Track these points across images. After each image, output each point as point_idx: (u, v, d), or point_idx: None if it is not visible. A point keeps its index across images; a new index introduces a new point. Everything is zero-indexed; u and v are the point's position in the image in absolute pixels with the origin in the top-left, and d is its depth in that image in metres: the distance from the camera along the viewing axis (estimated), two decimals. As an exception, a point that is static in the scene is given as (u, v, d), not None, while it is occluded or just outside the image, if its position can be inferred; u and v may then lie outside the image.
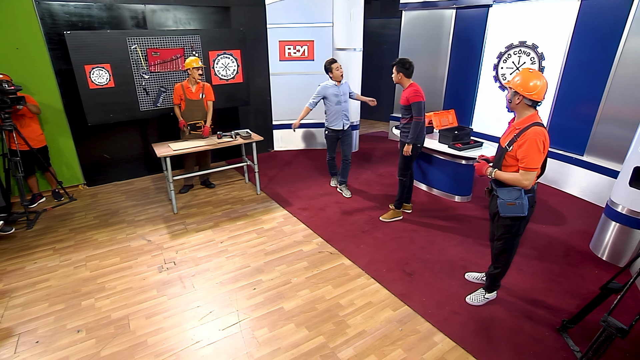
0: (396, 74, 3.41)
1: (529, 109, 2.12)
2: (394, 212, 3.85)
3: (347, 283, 2.89)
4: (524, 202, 2.18)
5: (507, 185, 2.22)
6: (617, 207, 3.01)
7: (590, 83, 4.04)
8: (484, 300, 2.66)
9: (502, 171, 2.24)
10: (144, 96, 4.67)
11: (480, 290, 2.70)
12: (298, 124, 4.21)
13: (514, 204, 2.16)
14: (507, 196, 2.18)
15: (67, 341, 2.39)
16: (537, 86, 2.05)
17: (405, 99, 3.38)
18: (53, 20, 4.12)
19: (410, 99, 3.33)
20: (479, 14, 5.05)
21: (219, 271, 3.05)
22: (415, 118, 3.36)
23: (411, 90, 3.34)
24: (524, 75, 2.09)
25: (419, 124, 3.38)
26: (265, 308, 2.63)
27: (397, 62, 3.40)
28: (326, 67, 4.05)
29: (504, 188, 2.23)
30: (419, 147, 3.57)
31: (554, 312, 2.58)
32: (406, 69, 3.37)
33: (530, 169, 2.09)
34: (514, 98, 2.13)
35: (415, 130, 3.39)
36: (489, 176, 2.28)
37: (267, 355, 2.23)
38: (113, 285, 2.91)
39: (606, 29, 3.86)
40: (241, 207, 4.16)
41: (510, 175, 2.18)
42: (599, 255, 3.19)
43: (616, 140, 3.87)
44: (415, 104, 3.32)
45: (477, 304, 2.65)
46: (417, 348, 2.30)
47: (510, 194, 2.17)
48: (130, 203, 4.36)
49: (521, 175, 2.13)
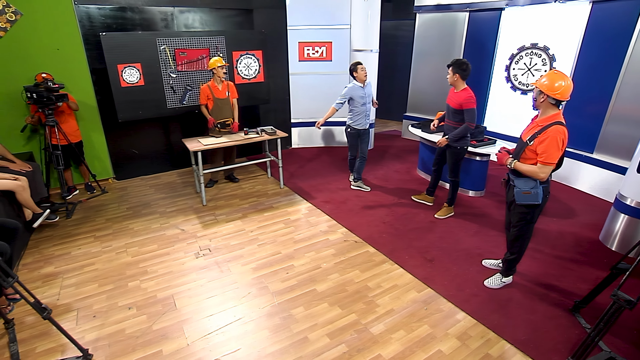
0: (452, 75, 3.39)
1: (553, 108, 2.33)
2: (447, 209, 3.95)
3: (373, 268, 3.11)
4: (538, 191, 2.39)
5: (524, 175, 2.44)
6: (625, 200, 3.21)
7: (600, 83, 4.23)
8: (501, 283, 2.87)
9: (521, 162, 2.45)
10: (171, 94, 4.92)
11: (497, 274, 2.91)
12: (323, 122, 4.39)
13: (529, 192, 2.37)
14: (524, 185, 2.39)
15: (121, 316, 2.63)
16: (561, 86, 2.25)
17: (458, 103, 3.40)
18: (90, 23, 4.37)
19: (464, 105, 3.36)
20: (491, 16, 5.26)
21: (252, 257, 3.28)
22: (468, 123, 3.40)
23: (466, 95, 3.35)
24: (550, 76, 2.30)
25: (468, 129, 3.42)
26: (300, 289, 2.85)
27: (453, 64, 3.38)
28: (351, 69, 4.26)
29: (521, 178, 2.44)
30: (466, 149, 3.64)
31: (566, 295, 2.78)
32: (463, 70, 3.35)
33: (547, 164, 2.31)
34: (539, 97, 2.34)
35: (463, 132, 3.44)
36: (508, 166, 2.49)
37: (306, 330, 2.46)
38: (155, 269, 3.15)
39: (616, 31, 4.05)
40: (266, 200, 4.39)
41: (528, 167, 2.39)
42: (608, 245, 3.39)
43: (625, 139, 4.06)
44: (469, 111, 3.36)
45: (495, 287, 2.86)
46: (441, 325, 2.51)
47: (527, 183, 2.39)
48: (159, 196, 4.60)
49: (538, 168, 2.34)
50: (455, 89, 3.48)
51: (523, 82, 5.06)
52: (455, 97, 3.45)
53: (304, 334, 2.44)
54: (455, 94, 3.46)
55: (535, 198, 2.40)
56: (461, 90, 3.42)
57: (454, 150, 3.62)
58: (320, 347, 2.33)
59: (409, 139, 6.78)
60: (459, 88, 3.44)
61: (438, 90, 5.84)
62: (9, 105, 4.10)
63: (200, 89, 4.50)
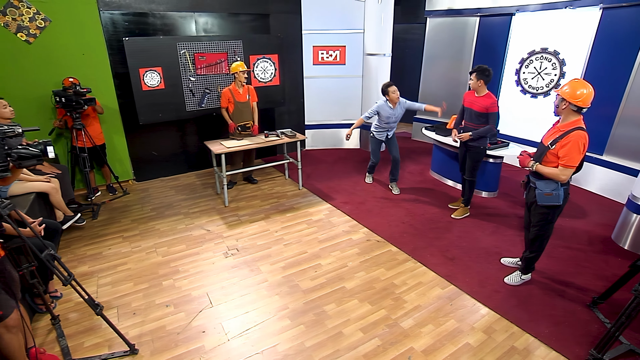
0: (476, 81, 3.54)
1: (575, 114, 2.45)
2: (463, 209, 4.09)
3: (397, 266, 3.24)
4: (560, 192, 2.52)
5: (545, 178, 2.57)
6: (638, 201, 3.34)
7: (610, 87, 4.36)
8: (520, 280, 3.00)
9: (542, 165, 2.58)
10: (190, 97, 5.04)
11: (517, 272, 3.04)
12: (351, 132, 4.46)
13: (551, 194, 2.51)
14: (545, 187, 2.53)
15: (160, 313, 2.74)
16: (583, 94, 2.37)
17: (484, 107, 3.56)
18: (114, 28, 4.48)
19: (490, 109, 3.55)
20: (502, 21, 5.39)
21: (280, 256, 3.40)
22: (492, 125, 3.60)
23: (492, 100, 3.55)
24: (572, 84, 2.42)
25: (491, 130, 3.62)
26: (329, 287, 2.98)
27: (477, 70, 3.51)
28: (383, 90, 4.36)
29: (542, 180, 2.57)
30: (485, 150, 3.83)
31: (583, 291, 2.92)
32: (487, 76, 3.50)
33: (569, 166, 2.44)
34: (560, 104, 2.46)
35: (487, 132, 3.62)
36: (530, 168, 2.62)
37: (340, 325, 2.58)
38: (186, 269, 3.27)
39: (626, 36, 4.18)
40: (287, 201, 4.52)
41: (550, 170, 2.52)
42: (620, 244, 3.53)
43: (634, 141, 4.20)
44: (494, 114, 3.58)
45: (514, 284, 2.99)
46: (467, 319, 2.64)
47: (548, 185, 2.52)
48: (181, 197, 4.71)
49: (560, 170, 2.48)
50: (477, 93, 3.62)
51: (533, 86, 5.19)
52: (480, 101, 3.60)
53: (339, 329, 2.56)
54: (479, 98, 3.61)
55: (556, 199, 2.53)
56: (485, 95, 3.58)
57: (476, 150, 3.77)
58: (355, 341, 2.45)
59: (419, 140, 6.91)
60: (482, 93, 3.59)
61: (448, 93, 5.97)
62: (37, 108, 4.21)
63: (221, 92, 4.61)
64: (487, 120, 3.59)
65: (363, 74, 6.03)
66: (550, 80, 4.98)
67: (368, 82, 6.00)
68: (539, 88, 5.14)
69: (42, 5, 3.98)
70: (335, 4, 5.68)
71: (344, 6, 5.69)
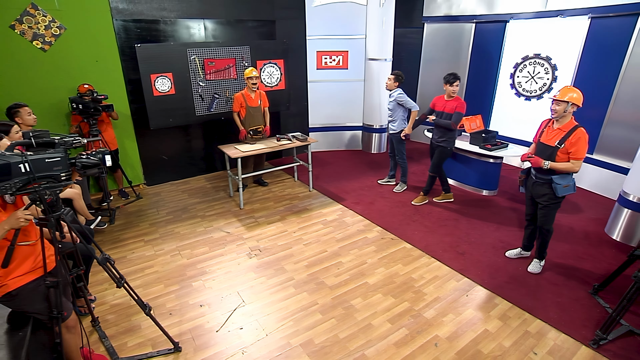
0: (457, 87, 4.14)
1: (570, 115, 2.79)
2: (422, 197, 4.67)
3: (413, 262, 3.46)
4: (573, 183, 2.86)
5: (559, 172, 2.84)
6: (628, 197, 3.66)
7: (598, 90, 4.70)
8: (540, 267, 3.27)
9: (556, 162, 2.85)
10: (199, 102, 5.14)
11: (535, 260, 3.31)
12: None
13: (568, 185, 2.82)
14: (562, 181, 2.83)
15: (195, 313, 2.88)
16: (581, 97, 2.74)
17: (453, 108, 4.08)
18: (127, 35, 4.55)
19: (457, 109, 4.08)
20: (497, 28, 5.69)
21: (302, 256, 3.57)
22: (453, 122, 4.10)
23: (460, 101, 4.12)
24: (574, 91, 2.73)
25: (450, 125, 4.16)
26: (353, 283, 3.17)
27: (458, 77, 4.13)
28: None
29: (558, 175, 2.85)
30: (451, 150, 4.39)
31: (584, 280, 3.20)
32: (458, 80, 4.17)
33: (580, 158, 2.76)
34: (569, 108, 2.74)
35: (447, 125, 4.15)
36: (544, 167, 2.88)
37: (368, 317, 2.78)
38: (213, 270, 3.40)
39: (613, 43, 4.51)
40: (300, 202, 4.69)
41: (564, 165, 2.81)
42: (613, 237, 3.85)
43: (622, 141, 4.54)
44: (457, 113, 4.11)
45: (536, 271, 3.26)
46: (483, 308, 2.88)
47: (564, 179, 2.83)
48: (194, 200, 4.82)
49: (573, 163, 2.79)
50: (448, 97, 4.17)
51: (527, 89, 5.51)
52: (451, 103, 4.13)
53: (368, 320, 2.76)
54: (450, 101, 4.15)
55: (572, 189, 2.87)
56: (455, 98, 4.14)
57: (444, 149, 4.30)
58: (384, 331, 2.66)
59: (417, 141, 7.17)
60: (453, 97, 4.15)
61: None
62: (52, 115, 4.25)
63: (234, 97, 4.74)
64: (451, 117, 4.11)
65: (365, 78, 6.24)
66: (543, 84, 5.30)
67: (370, 86, 6.22)
68: (532, 91, 5.46)
69: (57, 13, 4.03)
70: (338, 11, 5.87)
71: (347, 12, 5.89)
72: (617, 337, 2.57)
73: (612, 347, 2.52)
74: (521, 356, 2.46)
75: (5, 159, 1.72)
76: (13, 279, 1.94)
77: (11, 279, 1.93)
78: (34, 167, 1.77)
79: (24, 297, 1.98)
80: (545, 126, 2.97)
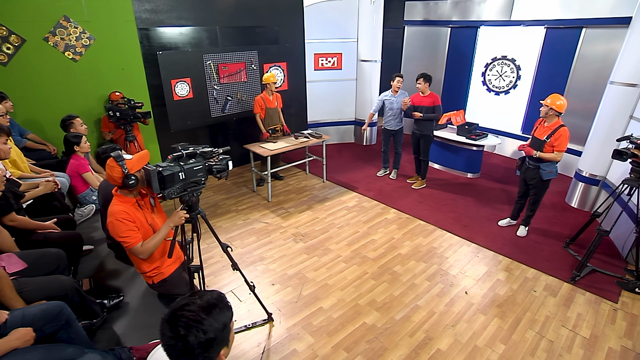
0: (424, 84, 4.91)
1: (556, 117, 3.65)
2: (421, 182, 5.50)
3: (430, 235, 4.27)
4: (556, 169, 3.75)
5: (546, 161, 3.74)
6: (582, 173, 4.76)
7: (554, 85, 5.77)
8: (525, 231, 4.22)
9: (543, 152, 3.75)
10: (214, 104, 5.48)
11: (521, 226, 4.26)
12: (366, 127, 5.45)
13: (552, 171, 3.71)
14: (548, 168, 3.72)
15: (271, 291, 3.42)
16: (562, 105, 3.58)
17: (432, 102, 4.95)
18: (149, 43, 4.76)
19: (435, 103, 4.97)
20: (470, 32, 6.61)
21: (340, 237, 4.22)
22: (437, 114, 4.99)
23: (435, 97, 5.00)
24: (560, 98, 3.58)
25: (437, 118, 5.05)
26: (390, 255, 3.90)
27: (424, 76, 4.91)
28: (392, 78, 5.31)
29: (544, 163, 3.75)
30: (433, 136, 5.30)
31: (558, 237, 4.22)
32: (431, 80, 4.98)
33: (562, 151, 3.65)
34: (549, 112, 3.62)
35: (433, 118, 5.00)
36: (534, 155, 3.76)
37: (410, 279, 3.53)
38: (269, 255, 3.93)
39: (564, 48, 5.60)
40: (319, 193, 5.29)
41: (550, 155, 3.70)
42: (572, 205, 4.97)
43: (574, 127, 5.62)
44: (438, 107, 4.99)
45: (523, 235, 4.21)
46: (491, 264, 3.76)
47: (549, 166, 3.72)
48: (221, 196, 5.22)
49: (556, 154, 3.67)
50: (423, 94, 4.97)
51: (496, 86, 6.53)
52: (427, 99, 4.95)
53: (410, 281, 3.51)
54: (425, 97, 4.96)
55: (555, 174, 3.77)
56: (429, 94, 4.97)
57: (428, 136, 5.12)
58: (425, 288, 3.43)
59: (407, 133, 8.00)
60: (427, 93, 4.96)
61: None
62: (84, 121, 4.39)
63: (254, 100, 5.16)
64: (434, 111, 4.94)
65: (357, 78, 6.90)
66: (510, 81, 6.34)
67: (362, 84, 6.90)
68: (500, 87, 6.49)
69: (87, 24, 4.16)
70: (332, 15, 6.41)
71: (340, 17, 6.45)
72: (586, 275, 3.58)
73: (583, 281, 3.51)
74: (526, 294, 3.37)
75: (171, 169, 2.17)
76: (167, 267, 2.39)
77: (165, 266, 2.38)
78: (186, 174, 2.24)
79: (173, 281, 2.44)
80: (539, 124, 3.86)
